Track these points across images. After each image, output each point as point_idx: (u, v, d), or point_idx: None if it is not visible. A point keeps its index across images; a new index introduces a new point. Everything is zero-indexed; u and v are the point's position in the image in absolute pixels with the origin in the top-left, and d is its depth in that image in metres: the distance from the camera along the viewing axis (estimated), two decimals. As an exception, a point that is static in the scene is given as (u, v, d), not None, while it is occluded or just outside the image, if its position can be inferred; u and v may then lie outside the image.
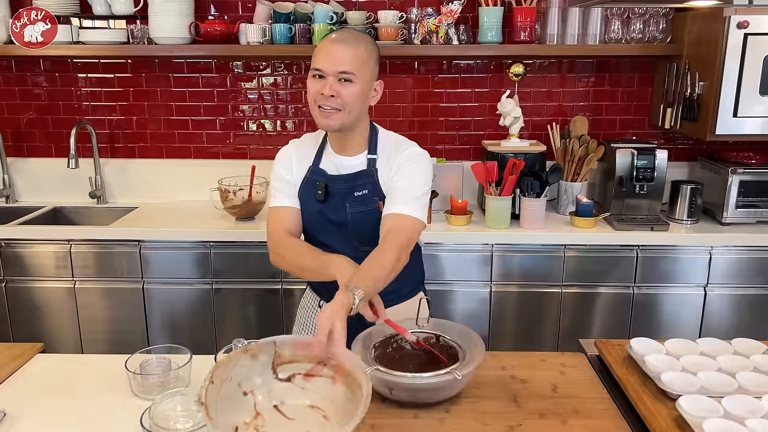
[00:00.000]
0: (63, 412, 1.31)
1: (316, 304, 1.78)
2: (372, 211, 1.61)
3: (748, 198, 2.66)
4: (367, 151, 1.64)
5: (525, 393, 1.37)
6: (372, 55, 1.56)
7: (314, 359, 1.17)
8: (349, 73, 1.50)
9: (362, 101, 1.55)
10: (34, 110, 3.08)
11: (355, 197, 1.60)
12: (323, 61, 1.51)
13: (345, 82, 1.51)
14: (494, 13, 2.71)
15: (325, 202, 1.61)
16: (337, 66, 1.50)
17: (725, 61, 2.43)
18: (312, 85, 1.54)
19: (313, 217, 1.64)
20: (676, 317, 2.62)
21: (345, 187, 1.61)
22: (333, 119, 1.53)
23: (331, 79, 1.50)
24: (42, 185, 3.10)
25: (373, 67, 1.56)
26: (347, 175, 1.62)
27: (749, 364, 1.36)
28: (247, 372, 1.19)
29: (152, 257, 2.61)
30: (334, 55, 1.50)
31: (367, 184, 1.61)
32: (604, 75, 2.98)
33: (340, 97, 1.50)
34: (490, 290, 2.61)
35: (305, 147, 1.70)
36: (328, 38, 1.55)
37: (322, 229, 1.65)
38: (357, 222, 1.61)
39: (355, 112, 1.54)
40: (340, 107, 1.52)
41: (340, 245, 1.61)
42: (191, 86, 3.03)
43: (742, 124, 2.51)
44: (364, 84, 1.53)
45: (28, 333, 2.68)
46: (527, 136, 2.96)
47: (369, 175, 1.62)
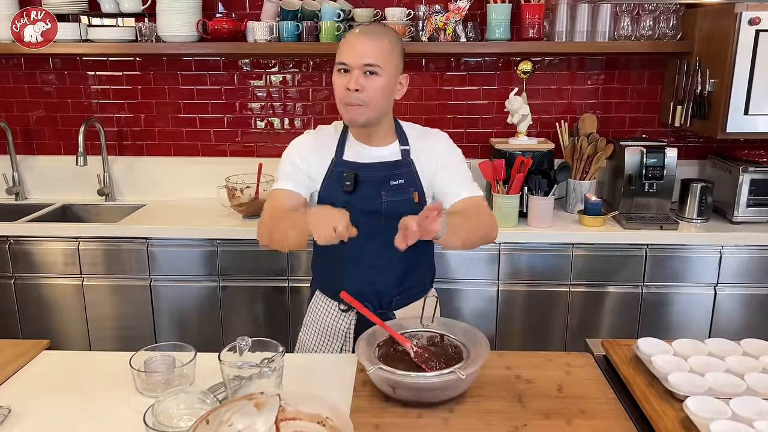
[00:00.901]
0: (68, 408, 1.31)
1: (333, 308, 1.73)
2: (407, 200, 1.61)
3: (760, 197, 2.63)
4: (398, 142, 1.64)
5: (530, 393, 1.35)
6: (396, 49, 1.56)
7: (314, 418, 1.15)
8: (374, 66, 1.50)
9: (387, 95, 1.55)
10: (44, 108, 3.10)
11: (391, 186, 1.60)
12: (348, 54, 1.52)
13: (370, 75, 1.51)
14: (502, 10, 2.70)
15: (354, 192, 1.59)
16: (361, 59, 1.50)
17: (736, 58, 2.40)
18: (337, 80, 1.54)
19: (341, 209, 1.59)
20: (686, 317, 2.60)
21: (380, 175, 1.61)
22: (358, 114, 1.53)
23: (356, 72, 1.50)
24: (51, 183, 3.12)
25: (397, 61, 1.56)
26: (382, 164, 1.62)
27: (758, 365, 1.34)
28: (250, 421, 1.15)
29: (160, 254, 2.62)
30: (358, 48, 1.51)
31: (404, 174, 1.62)
32: (613, 72, 2.96)
33: (366, 91, 1.50)
34: (497, 289, 2.60)
35: (324, 138, 1.67)
36: (352, 32, 1.55)
37: (352, 221, 1.58)
38: (390, 211, 1.59)
39: (380, 107, 1.55)
40: (365, 102, 1.51)
41: (368, 239, 1.52)
42: (199, 84, 3.04)
43: (754, 122, 2.48)
44: (389, 77, 1.53)
45: (36, 329, 2.69)
46: (535, 134, 2.94)
47: (406, 164, 1.63)
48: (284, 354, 1.31)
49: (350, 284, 1.61)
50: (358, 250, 1.59)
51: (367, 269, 1.66)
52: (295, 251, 2.58)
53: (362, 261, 1.65)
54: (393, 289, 1.68)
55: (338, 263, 1.69)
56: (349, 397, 1.33)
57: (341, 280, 1.66)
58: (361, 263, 1.65)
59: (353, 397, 1.33)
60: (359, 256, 1.64)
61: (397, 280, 1.68)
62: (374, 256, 1.64)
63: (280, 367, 1.30)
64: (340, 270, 1.69)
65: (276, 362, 1.29)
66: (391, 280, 1.68)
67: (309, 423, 1.14)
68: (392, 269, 1.67)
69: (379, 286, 1.67)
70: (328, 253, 1.66)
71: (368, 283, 1.66)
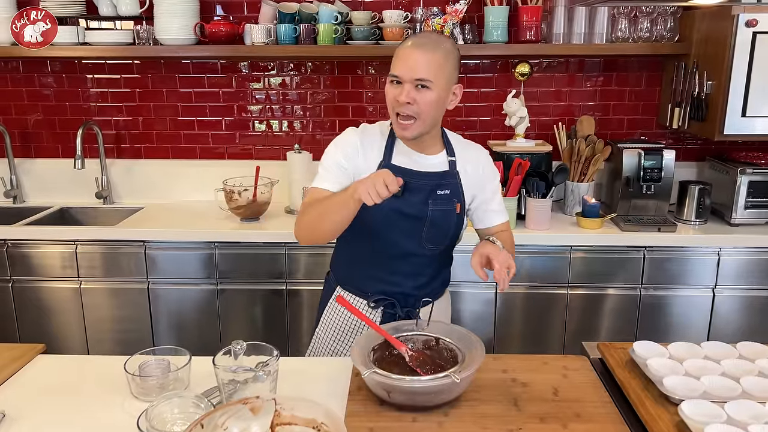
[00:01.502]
0: (62, 413, 1.31)
1: (359, 305, 1.70)
2: (450, 211, 1.63)
3: (758, 198, 2.63)
4: (446, 152, 1.66)
5: (526, 396, 1.35)
6: (450, 59, 1.54)
7: (310, 423, 1.15)
8: (425, 80, 1.49)
9: (438, 108, 1.55)
10: (41, 111, 3.10)
11: (438, 195, 1.62)
12: (400, 67, 1.51)
13: (422, 88, 1.50)
14: (500, 13, 2.70)
15: (402, 197, 1.59)
16: (413, 73, 1.49)
17: (734, 60, 2.40)
18: (390, 91, 1.54)
19: (386, 213, 1.59)
20: (684, 319, 2.59)
21: (430, 184, 1.62)
22: (409, 131, 1.54)
23: (407, 86, 1.50)
24: (49, 186, 3.12)
25: (450, 72, 1.55)
26: (432, 173, 1.63)
27: (754, 369, 1.33)
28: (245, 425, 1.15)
29: (158, 257, 2.62)
30: (410, 61, 1.50)
31: (450, 185, 1.64)
32: (611, 74, 2.96)
33: (417, 105, 1.50)
34: (495, 292, 2.59)
35: (371, 139, 1.64)
36: (406, 43, 1.54)
37: (394, 225, 1.61)
38: (435, 219, 1.62)
39: (430, 120, 1.55)
40: (416, 115, 1.52)
41: (408, 241, 1.62)
42: (197, 87, 3.04)
43: (751, 124, 2.48)
44: (440, 91, 1.52)
45: (34, 333, 2.69)
46: (533, 136, 2.94)
47: (452, 176, 1.65)
48: (279, 358, 1.31)
49: (378, 284, 1.66)
50: (394, 251, 1.64)
51: (397, 272, 1.67)
52: (292, 254, 2.57)
53: (394, 263, 1.66)
54: (417, 291, 1.70)
55: (368, 262, 1.69)
56: (343, 401, 1.33)
57: (367, 279, 1.68)
58: (392, 265, 1.66)
59: (348, 401, 1.33)
60: (393, 258, 1.66)
61: (422, 283, 1.70)
62: (408, 259, 1.66)
63: (274, 371, 1.30)
64: (368, 269, 1.69)
65: (271, 366, 1.29)
66: (419, 283, 1.69)
67: (304, 428, 1.14)
68: (422, 274, 1.69)
69: (404, 288, 1.68)
70: (358, 252, 1.69)
71: (395, 284, 1.68)
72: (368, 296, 1.70)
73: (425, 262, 1.68)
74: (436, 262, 1.71)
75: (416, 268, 1.68)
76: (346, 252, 1.75)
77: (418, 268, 1.68)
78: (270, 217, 2.77)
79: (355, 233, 1.63)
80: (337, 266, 1.80)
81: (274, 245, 2.58)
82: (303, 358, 1.68)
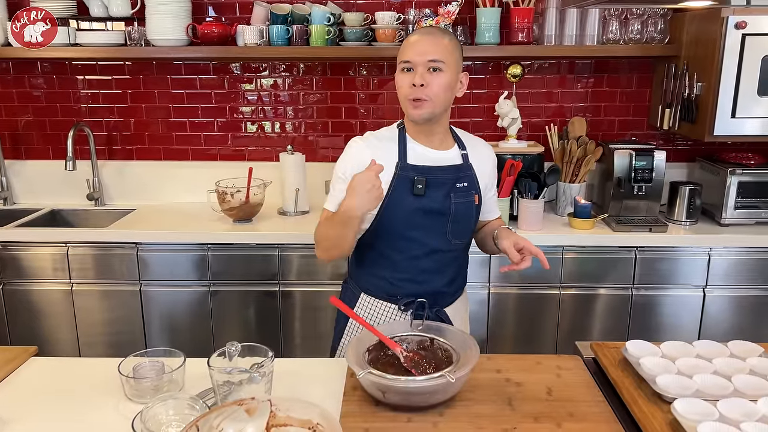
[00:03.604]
0: (56, 415, 1.30)
1: (388, 310, 1.70)
2: (470, 203, 1.68)
3: (747, 199, 2.65)
4: (458, 146, 1.70)
5: (520, 396, 1.36)
6: (457, 47, 1.61)
7: (305, 424, 1.15)
8: (438, 62, 1.54)
9: (449, 92, 1.59)
10: (32, 112, 3.08)
11: (458, 188, 1.65)
12: (411, 53, 1.55)
13: (434, 71, 1.54)
14: (491, 14, 2.71)
15: (425, 195, 1.61)
16: (425, 56, 1.54)
17: (723, 62, 2.42)
18: (402, 79, 1.58)
19: (409, 212, 1.61)
20: (675, 319, 2.61)
21: (450, 178, 1.65)
22: (423, 109, 1.56)
23: (420, 69, 1.54)
24: (40, 187, 3.10)
25: (458, 59, 1.60)
26: (450, 167, 1.66)
27: (745, 367, 1.35)
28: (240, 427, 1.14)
29: (150, 259, 2.61)
30: (420, 46, 1.55)
31: (466, 177, 1.68)
32: (602, 76, 2.98)
33: (430, 87, 1.54)
34: (488, 292, 2.60)
35: (383, 146, 1.63)
36: (413, 35, 1.60)
37: (418, 224, 1.62)
38: (458, 212, 1.65)
39: (442, 103, 1.58)
40: (430, 97, 1.55)
41: (433, 238, 1.65)
42: (189, 88, 3.03)
43: (741, 125, 2.50)
44: (452, 74, 1.57)
45: (25, 335, 2.67)
46: (525, 137, 2.95)
47: (467, 168, 1.69)
48: (274, 359, 1.31)
49: (408, 285, 1.67)
50: (421, 251, 1.65)
51: (426, 270, 1.68)
52: (285, 255, 2.57)
53: (422, 262, 1.67)
54: (445, 288, 1.71)
55: (395, 264, 1.67)
56: (339, 401, 1.33)
57: (396, 283, 1.68)
58: (420, 264, 1.67)
59: (343, 401, 1.33)
60: (420, 258, 1.66)
61: (449, 280, 1.72)
62: (435, 256, 1.67)
63: (269, 372, 1.30)
64: (395, 272, 1.68)
65: (266, 367, 1.29)
66: (446, 279, 1.71)
67: (300, 429, 1.14)
68: (449, 270, 1.71)
69: (434, 286, 1.69)
70: (383, 256, 1.68)
71: (424, 283, 1.68)
72: (398, 300, 1.68)
73: (451, 257, 1.70)
74: (461, 257, 1.75)
75: (443, 264, 1.69)
76: (370, 258, 1.71)
77: (445, 264, 1.70)
78: (263, 219, 2.76)
79: (379, 237, 1.65)
80: (359, 274, 1.76)
81: (266, 246, 2.58)
82: (298, 359, 1.68)
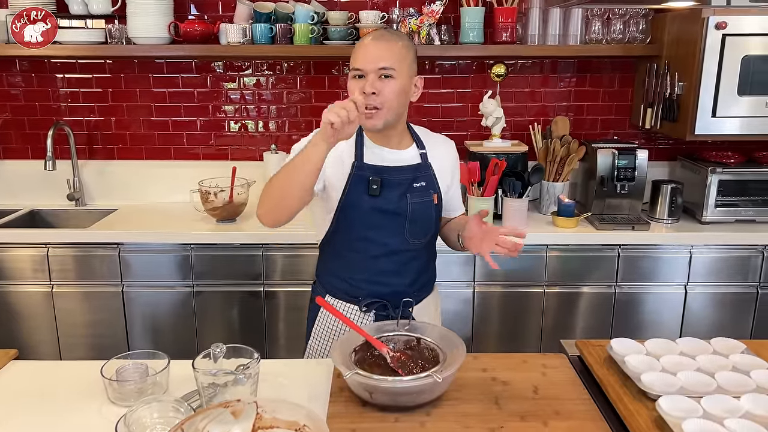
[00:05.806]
0: (37, 420, 1.28)
1: (351, 311, 1.69)
2: (428, 202, 1.67)
3: (728, 197, 2.69)
4: (416, 145, 1.69)
5: (506, 395, 1.36)
6: (410, 51, 1.58)
7: (292, 426, 1.14)
8: (389, 69, 1.52)
9: (403, 97, 1.57)
10: (10, 111, 3.03)
11: (415, 188, 1.65)
12: (362, 59, 1.53)
13: (385, 78, 1.52)
14: (475, 14, 2.71)
15: (380, 195, 1.60)
16: (375, 63, 1.51)
17: (704, 62, 2.45)
18: (353, 86, 1.55)
19: (366, 212, 1.61)
20: (657, 316, 2.64)
21: (407, 178, 1.64)
22: (376, 119, 1.55)
23: (371, 76, 1.52)
24: (18, 188, 3.05)
25: (411, 63, 1.58)
26: (407, 167, 1.65)
27: (728, 364, 1.36)
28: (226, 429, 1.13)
29: (132, 260, 2.58)
30: (371, 53, 1.52)
31: (424, 177, 1.67)
32: (585, 75, 3.00)
33: (381, 95, 1.52)
34: (473, 291, 2.61)
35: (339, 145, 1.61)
36: (365, 38, 1.57)
37: (375, 224, 1.62)
38: (415, 212, 1.64)
39: (395, 109, 1.56)
40: (381, 105, 1.53)
41: (391, 238, 1.65)
42: (171, 87, 3.00)
43: (721, 124, 2.53)
44: (404, 79, 1.55)
45: (4, 338, 2.62)
46: (509, 137, 2.96)
47: (426, 167, 1.68)
48: (259, 360, 1.30)
49: (368, 286, 1.66)
50: (379, 251, 1.64)
51: (386, 270, 1.67)
52: (270, 255, 2.56)
53: (381, 263, 1.66)
54: (407, 288, 1.69)
55: (355, 265, 1.68)
56: (325, 402, 1.32)
57: (357, 284, 1.68)
58: (379, 265, 1.66)
59: (330, 402, 1.32)
60: (379, 258, 1.66)
61: (411, 280, 1.71)
62: (395, 256, 1.66)
63: (255, 373, 1.29)
64: (355, 273, 1.68)
65: (251, 369, 1.28)
66: (407, 279, 1.70)
67: (286, 430, 1.13)
68: (409, 270, 1.70)
69: (394, 286, 1.68)
70: (344, 257, 1.68)
71: (385, 284, 1.67)
72: (359, 301, 1.68)
73: (412, 257, 1.69)
74: (423, 256, 1.73)
75: (404, 264, 1.68)
76: (332, 259, 1.73)
77: (405, 264, 1.69)
78: (246, 218, 2.74)
79: (339, 238, 1.65)
80: (323, 275, 1.78)
81: (251, 246, 2.56)
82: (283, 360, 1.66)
